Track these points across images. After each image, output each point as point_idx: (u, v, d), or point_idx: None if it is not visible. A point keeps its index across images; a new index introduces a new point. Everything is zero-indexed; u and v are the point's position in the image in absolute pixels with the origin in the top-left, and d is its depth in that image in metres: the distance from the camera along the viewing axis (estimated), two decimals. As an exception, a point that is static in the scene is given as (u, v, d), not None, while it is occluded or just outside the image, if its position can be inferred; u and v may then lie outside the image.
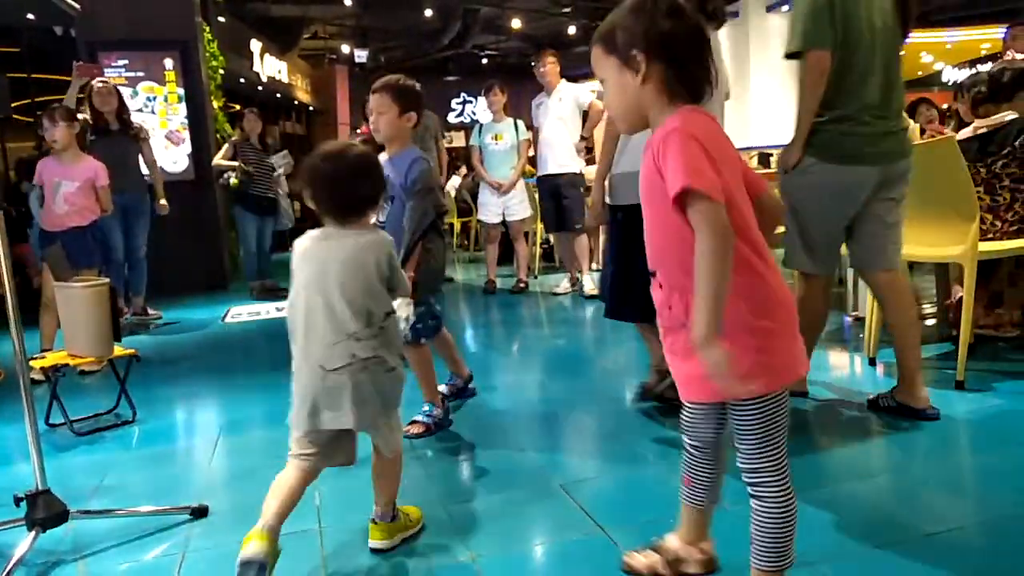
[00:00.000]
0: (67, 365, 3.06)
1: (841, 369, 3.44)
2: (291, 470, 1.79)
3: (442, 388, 3.00)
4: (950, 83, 17.65)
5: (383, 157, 2.74)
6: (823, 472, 2.23)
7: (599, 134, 3.81)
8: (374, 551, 1.89)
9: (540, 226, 6.80)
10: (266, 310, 6.00)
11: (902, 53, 2.57)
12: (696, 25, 1.35)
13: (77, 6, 2.54)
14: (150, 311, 5.92)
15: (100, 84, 5.34)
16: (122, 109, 5.47)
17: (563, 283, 5.88)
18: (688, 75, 1.33)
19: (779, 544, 1.39)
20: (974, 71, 4.31)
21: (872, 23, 2.46)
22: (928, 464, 2.23)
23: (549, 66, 5.36)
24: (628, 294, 2.66)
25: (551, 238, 7.29)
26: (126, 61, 7.11)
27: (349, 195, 1.81)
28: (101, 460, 2.73)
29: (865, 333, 3.37)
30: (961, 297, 3.42)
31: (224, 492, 2.38)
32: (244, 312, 5.97)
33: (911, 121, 4.09)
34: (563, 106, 5.38)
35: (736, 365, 1.25)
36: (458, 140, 14.78)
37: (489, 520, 2.04)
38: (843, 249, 2.74)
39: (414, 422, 2.73)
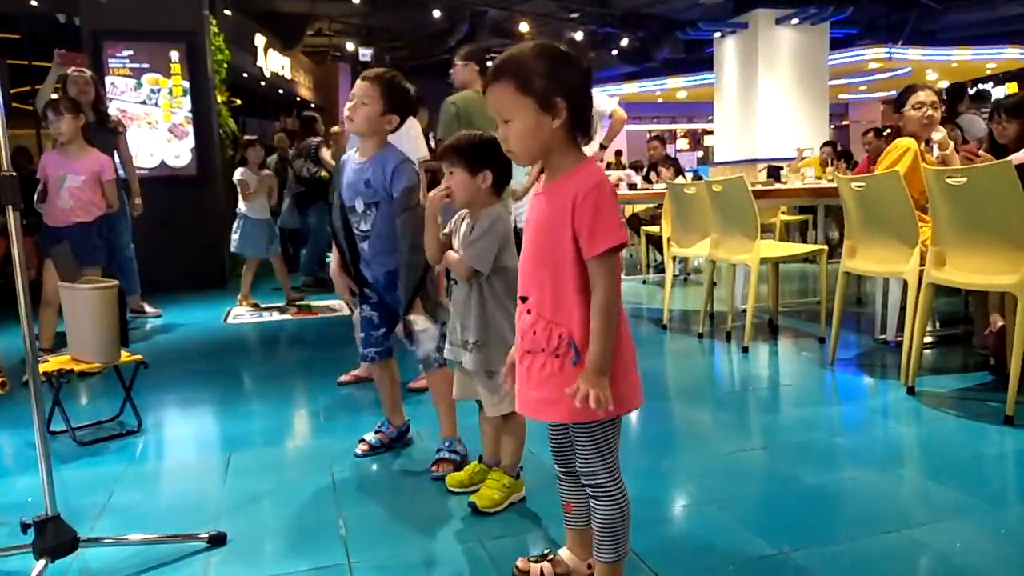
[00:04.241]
0: (71, 371, 2.90)
1: (875, 398, 3.31)
2: None
3: (370, 437, 2.69)
4: (953, 102, 17.68)
5: (354, 156, 2.47)
6: (881, 516, 2.11)
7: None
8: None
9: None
10: (268, 312, 5.83)
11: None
12: (590, 74, 1.50)
13: None
14: (149, 308, 5.76)
15: (76, 73, 4.97)
16: (99, 100, 5.17)
17: None
18: (587, 119, 1.48)
19: (616, 538, 1.54)
20: (1006, 91, 4.21)
21: (485, 121, 3.54)
22: (989, 508, 2.11)
23: None
24: None
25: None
26: (131, 52, 6.94)
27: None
28: (107, 474, 2.57)
29: (902, 360, 3.24)
30: (1002, 326, 3.31)
31: (241, 515, 2.22)
32: (245, 313, 5.80)
33: (948, 141, 3.98)
34: None
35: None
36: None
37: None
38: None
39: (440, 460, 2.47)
